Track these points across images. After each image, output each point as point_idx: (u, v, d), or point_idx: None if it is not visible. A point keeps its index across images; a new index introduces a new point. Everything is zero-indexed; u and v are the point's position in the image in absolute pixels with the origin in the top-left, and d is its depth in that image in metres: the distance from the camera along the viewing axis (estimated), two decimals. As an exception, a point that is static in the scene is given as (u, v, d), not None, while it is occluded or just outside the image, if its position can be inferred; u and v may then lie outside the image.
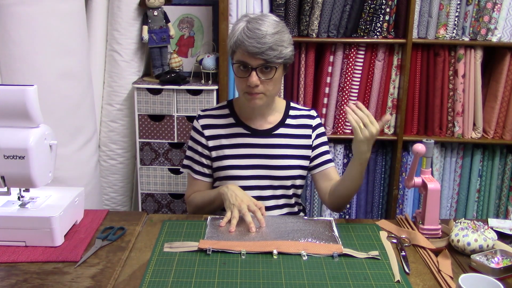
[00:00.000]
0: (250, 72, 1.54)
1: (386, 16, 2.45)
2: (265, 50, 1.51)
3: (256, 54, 1.51)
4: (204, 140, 1.71)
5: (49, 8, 2.07)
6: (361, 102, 2.53)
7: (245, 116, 1.71)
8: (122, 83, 2.61)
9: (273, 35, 1.52)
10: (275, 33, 1.53)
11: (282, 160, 1.68)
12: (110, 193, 2.73)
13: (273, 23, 1.55)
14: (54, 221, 1.32)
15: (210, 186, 1.75)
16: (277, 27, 1.55)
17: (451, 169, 2.64)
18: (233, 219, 1.46)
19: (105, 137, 2.67)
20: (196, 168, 1.73)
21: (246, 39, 1.51)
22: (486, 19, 2.42)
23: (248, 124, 1.70)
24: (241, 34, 1.53)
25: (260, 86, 1.56)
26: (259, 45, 1.50)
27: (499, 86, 2.50)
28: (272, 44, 1.52)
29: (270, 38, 1.51)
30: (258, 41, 1.50)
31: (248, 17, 1.58)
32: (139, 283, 1.20)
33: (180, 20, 2.72)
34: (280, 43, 1.54)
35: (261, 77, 1.55)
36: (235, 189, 1.54)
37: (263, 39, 1.50)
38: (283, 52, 1.55)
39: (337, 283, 1.21)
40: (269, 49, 1.51)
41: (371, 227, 1.52)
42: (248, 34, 1.51)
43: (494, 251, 1.32)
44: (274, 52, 1.52)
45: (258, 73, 1.54)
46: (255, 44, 1.50)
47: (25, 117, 1.28)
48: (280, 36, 1.54)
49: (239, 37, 1.53)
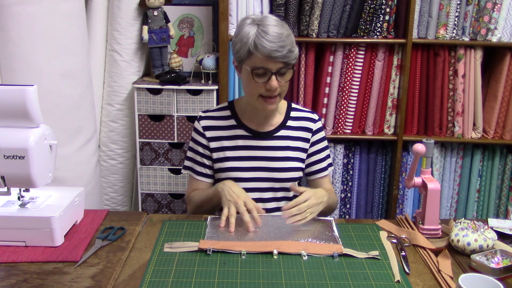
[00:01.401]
0: (270, 76, 1.52)
1: (386, 16, 2.45)
2: (286, 52, 1.50)
3: (278, 57, 1.49)
4: (205, 141, 1.70)
5: (49, 8, 2.07)
6: (361, 102, 2.56)
7: (246, 118, 1.71)
8: (122, 83, 2.61)
9: (288, 37, 1.52)
10: (289, 34, 1.53)
11: (283, 163, 1.68)
12: (110, 193, 2.73)
13: (281, 24, 1.54)
14: (54, 221, 1.32)
15: (211, 187, 1.74)
16: (285, 27, 1.55)
17: (451, 169, 2.64)
18: (231, 217, 1.45)
19: (105, 137, 2.67)
20: (198, 170, 1.72)
21: (266, 43, 1.48)
22: (486, 19, 2.42)
23: (249, 126, 1.70)
24: (259, 39, 1.49)
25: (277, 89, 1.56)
26: (281, 48, 1.48)
27: (499, 86, 2.50)
28: (290, 45, 1.51)
29: (287, 40, 1.50)
30: (280, 44, 1.48)
31: (252, 20, 1.55)
32: (139, 283, 1.20)
33: (180, 20, 2.73)
34: (294, 44, 1.54)
35: (280, 81, 1.54)
36: (232, 185, 1.54)
37: (283, 42, 1.49)
38: (296, 53, 1.55)
39: (337, 283, 1.21)
40: (288, 51, 1.50)
41: (371, 227, 1.52)
42: (267, 38, 1.48)
43: (494, 251, 1.32)
44: (292, 53, 1.52)
45: (278, 76, 1.54)
46: (277, 48, 1.48)
47: (25, 117, 1.28)
48: (292, 37, 1.54)
49: (257, 41, 1.49)
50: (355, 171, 2.66)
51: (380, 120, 2.59)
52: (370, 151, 2.64)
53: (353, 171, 2.66)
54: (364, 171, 2.65)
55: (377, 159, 2.64)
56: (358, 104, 2.56)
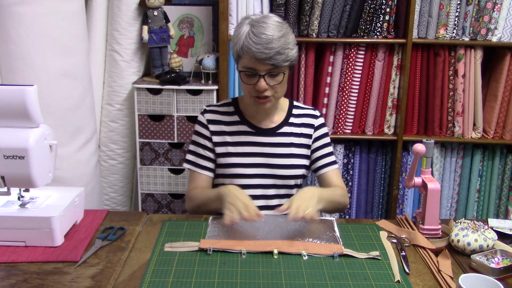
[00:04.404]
0: (258, 78, 1.53)
1: (386, 16, 2.45)
2: (272, 55, 1.49)
3: (264, 60, 1.49)
4: (209, 134, 1.70)
5: (49, 8, 2.07)
6: (361, 102, 2.56)
7: (250, 115, 1.71)
8: (122, 83, 2.61)
9: (279, 39, 1.50)
10: (281, 37, 1.51)
11: (286, 159, 1.68)
12: (110, 193, 2.73)
13: (278, 26, 1.53)
14: (54, 221, 1.32)
15: (212, 181, 1.74)
16: (282, 29, 1.53)
17: (451, 169, 2.64)
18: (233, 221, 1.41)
19: (105, 137, 2.67)
20: (200, 163, 1.71)
21: (252, 44, 1.48)
22: (486, 19, 2.42)
23: (253, 123, 1.70)
24: (247, 40, 1.50)
25: (268, 91, 1.55)
26: (266, 50, 1.48)
27: (499, 86, 2.50)
28: (279, 48, 1.50)
29: (277, 43, 1.49)
30: (265, 47, 1.48)
31: (250, 20, 1.55)
32: (139, 283, 1.20)
33: (180, 20, 2.72)
34: (286, 46, 1.52)
35: (269, 83, 1.54)
36: (235, 190, 1.52)
37: (270, 44, 1.48)
38: (289, 55, 1.53)
39: (337, 283, 1.21)
40: (276, 53, 1.49)
41: (371, 227, 1.52)
42: (254, 39, 1.48)
43: (494, 251, 1.32)
44: (282, 56, 1.51)
45: (266, 78, 1.53)
46: (263, 50, 1.48)
47: (25, 117, 1.28)
48: (285, 39, 1.52)
49: (245, 42, 1.50)
50: (355, 171, 2.66)
51: (380, 120, 2.59)
52: (370, 151, 2.64)
53: (353, 171, 2.66)
54: (364, 171, 2.65)
55: (377, 159, 2.64)
56: (358, 104, 2.56)
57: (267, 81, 1.53)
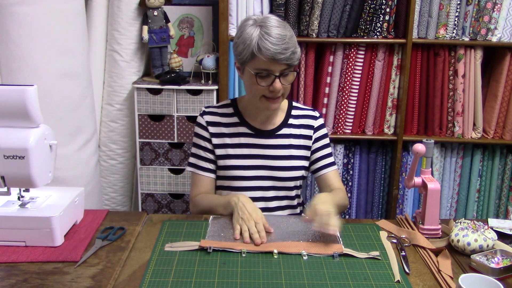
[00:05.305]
0: (274, 79, 1.52)
1: (386, 16, 2.45)
2: (289, 54, 1.49)
3: (281, 60, 1.48)
4: (208, 135, 1.70)
5: (49, 8, 2.07)
6: (361, 102, 2.56)
7: (249, 116, 1.70)
8: (122, 83, 2.61)
9: (291, 38, 1.51)
10: (292, 36, 1.52)
11: (285, 161, 1.68)
12: (110, 193, 2.73)
13: (283, 24, 1.53)
14: (54, 221, 1.32)
15: (214, 183, 1.74)
16: (287, 27, 1.54)
17: (451, 169, 2.64)
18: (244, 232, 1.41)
19: (105, 137, 2.67)
20: (202, 165, 1.70)
21: (270, 45, 1.47)
22: (486, 19, 2.42)
23: (252, 124, 1.70)
24: (262, 41, 1.48)
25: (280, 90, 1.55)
26: (284, 50, 1.48)
27: (499, 86, 2.50)
28: (293, 47, 1.50)
29: (290, 42, 1.50)
30: (283, 47, 1.47)
31: (254, 21, 1.54)
32: (139, 283, 1.20)
33: (180, 20, 2.73)
34: (296, 45, 1.53)
35: (283, 83, 1.54)
36: (246, 202, 1.49)
37: (286, 44, 1.48)
38: (298, 53, 1.54)
39: (337, 283, 1.21)
40: (292, 53, 1.50)
41: (371, 227, 1.52)
42: (271, 40, 1.47)
43: (494, 251, 1.32)
44: (295, 55, 1.52)
45: (281, 78, 1.53)
46: (281, 50, 1.47)
47: (25, 117, 1.28)
48: (294, 38, 1.53)
49: (260, 43, 1.48)
50: (355, 171, 2.66)
51: (380, 120, 2.59)
52: (370, 151, 2.64)
53: (353, 171, 2.66)
54: (364, 171, 2.65)
55: (377, 159, 2.64)
56: (358, 104, 2.56)
57: (281, 81, 1.53)
